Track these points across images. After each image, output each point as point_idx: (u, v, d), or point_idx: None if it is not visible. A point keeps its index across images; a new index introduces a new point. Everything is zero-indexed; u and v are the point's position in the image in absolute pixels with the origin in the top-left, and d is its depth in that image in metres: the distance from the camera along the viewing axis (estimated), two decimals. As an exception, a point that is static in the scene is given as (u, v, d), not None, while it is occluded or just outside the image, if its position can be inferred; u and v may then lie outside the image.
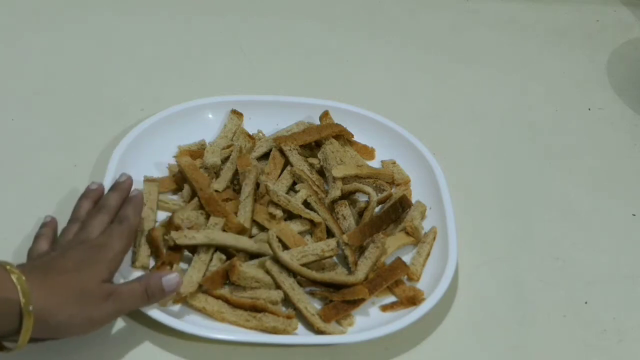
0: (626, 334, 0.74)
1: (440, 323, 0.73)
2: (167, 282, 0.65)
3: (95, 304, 0.60)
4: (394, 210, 0.77)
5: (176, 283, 0.66)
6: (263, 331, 0.68)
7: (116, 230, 0.66)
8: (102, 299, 0.61)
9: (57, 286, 0.59)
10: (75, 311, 0.59)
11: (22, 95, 0.91)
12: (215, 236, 0.71)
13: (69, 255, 0.62)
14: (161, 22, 1.06)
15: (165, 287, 0.65)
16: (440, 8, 1.15)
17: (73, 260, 0.62)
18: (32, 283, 0.57)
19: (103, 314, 0.61)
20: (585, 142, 0.95)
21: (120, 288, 0.63)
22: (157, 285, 0.65)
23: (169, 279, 0.65)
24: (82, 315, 0.60)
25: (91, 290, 0.60)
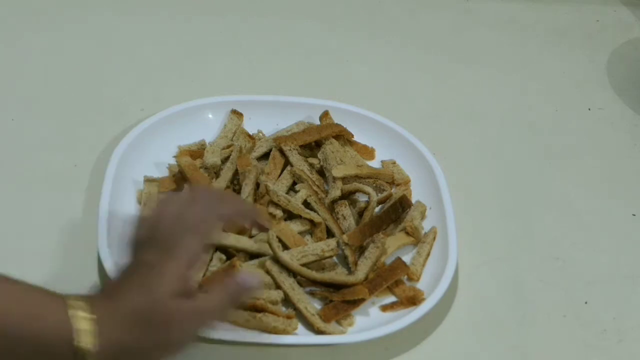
0: (626, 334, 0.74)
1: (440, 323, 0.73)
2: (245, 282, 0.57)
3: (167, 324, 0.51)
4: (394, 210, 0.77)
5: (256, 280, 0.58)
6: (263, 331, 0.68)
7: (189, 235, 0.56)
8: (175, 316, 0.52)
9: (118, 314, 0.51)
10: (143, 337, 0.51)
11: (22, 95, 0.91)
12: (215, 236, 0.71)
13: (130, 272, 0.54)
14: (161, 22, 1.06)
15: (246, 285, 0.57)
16: (440, 8, 1.14)
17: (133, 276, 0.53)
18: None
19: (180, 335, 0.53)
20: (585, 142, 0.95)
21: (197, 301, 0.54)
22: (236, 286, 0.56)
23: (246, 278, 0.57)
24: (154, 341, 0.51)
25: (159, 309, 0.51)
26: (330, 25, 1.09)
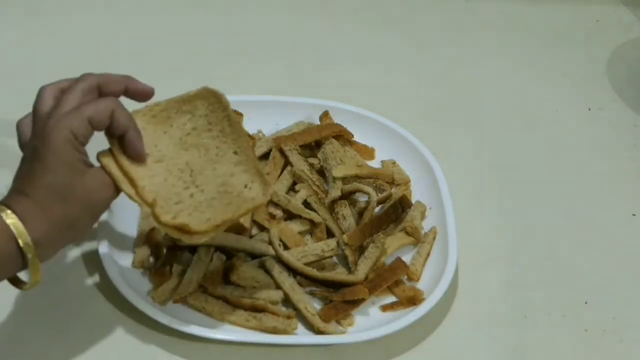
0: (626, 334, 0.74)
1: (440, 323, 0.73)
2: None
3: (79, 183, 0.54)
4: (394, 210, 0.77)
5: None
6: (263, 331, 0.68)
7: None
8: (82, 169, 0.55)
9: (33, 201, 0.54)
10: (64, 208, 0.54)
11: (22, 95, 0.91)
12: (215, 237, 0.71)
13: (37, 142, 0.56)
14: (161, 22, 1.06)
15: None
16: (440, 8, 1.14)
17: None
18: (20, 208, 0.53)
19: (100, 194, 0.55)
20: (585, 142, 0.95)
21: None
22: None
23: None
24: (70, 204, 0.54)
25: (61, 165, 0.54)
26: (330, 25, 1.09)
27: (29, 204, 0.54)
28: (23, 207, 0.54)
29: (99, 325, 0.69)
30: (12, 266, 0.54)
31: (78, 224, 0.56)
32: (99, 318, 0.69)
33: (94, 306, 0.70)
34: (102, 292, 0.71)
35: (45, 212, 0.54)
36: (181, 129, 0.63)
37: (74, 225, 0.56)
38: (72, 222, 0.55)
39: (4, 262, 0.53)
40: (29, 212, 0.54)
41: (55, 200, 0.54)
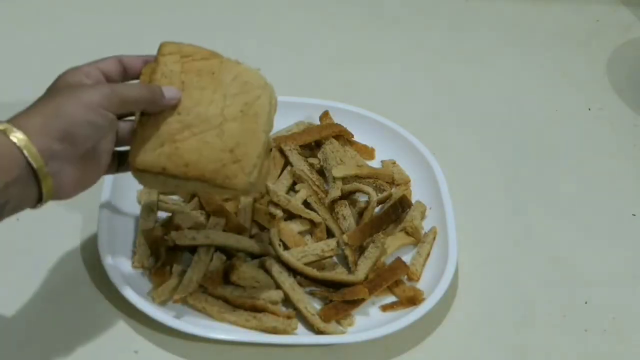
0: (626, 334, 0.74)
1: (440, 323, 0.73)
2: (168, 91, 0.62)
3: (76, 91, 0.57)
4: (394, 210, 0.77)
5: (176, 92, 0.63)
6: (263, 331, 0.68)
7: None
8: (80, 87, 0.58)
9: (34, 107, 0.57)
10: (58, 106, 0.56)
11: (22, 95, 0.91)
12: (215, 236, 0.71)
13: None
14: (161, 22, 1.06)
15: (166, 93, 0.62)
16: (440, 8, 1.15)
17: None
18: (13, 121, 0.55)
19: (93, 94, 0.57)
20: (585, 142, 0.95)
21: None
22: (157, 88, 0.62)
23: (169, 89, 0.62)
24: (70, 105, 0.56)
25: (66, 88, 0.58)
26: (330, 25, 1.09)
27: (30, 120, 0.55)
28: (27, 123, 0.55)
29: (99, 325, 0.69)
30: (24, 185, 0.54)
31: (78, 139, 0.56)
32: (99, 318, 0.69)
33: (94, 306, 0.70)
34: (102, 292, 0.71)
35: (46, 126, 0.55)
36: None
37: (75, 140, 0.56)
38: (72, 136, 0.56)
39: (16, 178, 0.54)
40: (32, 126, 0.54)
41: (53, 115, 0.55)
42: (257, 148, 0.64)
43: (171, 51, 0.66)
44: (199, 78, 0.65)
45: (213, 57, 0.67)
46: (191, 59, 0.66)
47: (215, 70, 0.66)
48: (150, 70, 0.65)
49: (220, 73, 0.66)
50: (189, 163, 0.62)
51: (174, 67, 0.65)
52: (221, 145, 0.63)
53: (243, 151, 0.63)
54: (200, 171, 0.62)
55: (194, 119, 0.63)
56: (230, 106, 0.64)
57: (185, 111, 0.63)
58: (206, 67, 0.66)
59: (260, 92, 0.66)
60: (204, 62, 0.66)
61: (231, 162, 0.63)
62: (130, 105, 0.60)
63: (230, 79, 0.66)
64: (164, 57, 0.66)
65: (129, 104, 0.59)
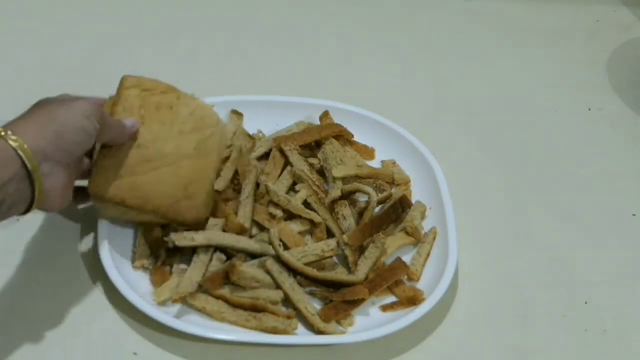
0: (626, 334, 0.74)
1: (440, 323, 0.73)
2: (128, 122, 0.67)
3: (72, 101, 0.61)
4: (394, 210, 0.77)
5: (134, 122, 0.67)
6: (263, 331, 0.68)
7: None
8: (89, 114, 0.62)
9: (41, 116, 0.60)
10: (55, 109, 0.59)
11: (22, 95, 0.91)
12: (215, 237, 0.71)
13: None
14: (160, 22, 1.06)
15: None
16: (440, 8, 1.15)
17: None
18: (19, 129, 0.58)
19: (87, 103, 0.61)
20: (585, 142, 0.95)
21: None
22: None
23: (129, 120, 0.67)
24: (66, 108, 0.60)
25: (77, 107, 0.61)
26: (330, 25, 1.09)
27: (25, 125, 0.59)
28: (22, 127, 0.58)
29: (99, 325, 0.69)
30: (18, 184, 0.57)
31: (69, 145, 0.60)
32: (99, 318, 0.69)
33: (93, 306, 0.70)
34: (102, 292, 0.71)
35: (40, 130, 0.58)
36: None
37: (67, 146, 0.60)
38: (65, 141, 0.59)
39: (12, 177, 0.56)
40: (27, 130, 0.58)
41: (47, 121, 0.59)
42: (207, 185, 0.70)
43: (132, 84, 0.70)
44: (157, 112, 0.69)
45: (171, 92, 0.71)
46: (151, 93, 0.70)
47: (173, 105, 0.70)
48: (112, 103, 0.69)
49: (177, 107, 0.70)
50: (146, 197, 0.66)
51: (135, 101, 0.69)
52: (176, 182, 0.68)
53: (195, 188, 0.69)
54: (155, 206, 0.67)
55: (153, 153, 0.67)
56: (186, 144, 0.69)
57: (145, 145, 0.67)
58: (165, 101, 0.70)
59: (213, 130, 0.71)
60: (163, 95, 0.71)
61: (184, 198, 0.68)
62: (105, 128, 0.63)
63: (186, 113, 0.70)
64: (126, 90, 0.69)
65: (105, 126, 0.63)
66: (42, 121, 0.59)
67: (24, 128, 0.58)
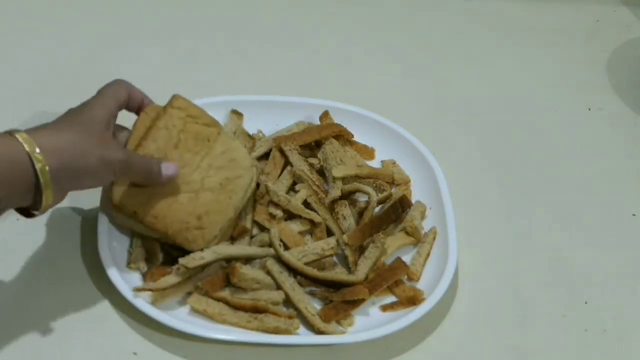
0: (626, 334, 0.74)
1: (440, 323, 0.73)
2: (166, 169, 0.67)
3: (104, 143, 0.62)
4: (394, 210, 0.77)
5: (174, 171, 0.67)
6: (265, 332, 0.68)
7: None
8: (109, 139, 0.63)
9: (63, 126, 0.61)
10: (84, 146, 0.60)
11: (22, 95, 0.91)
12: (222, 250, 0.70)
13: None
14: (160, 22, 1.06)
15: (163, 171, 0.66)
16: (440, 8, 1.15)
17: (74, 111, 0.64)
18: (36, 135, 0.58)
19: (115, 155, 0.62)
20: (585, 142, 0.95)
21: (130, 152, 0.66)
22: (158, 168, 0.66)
23: (169, 166, 0.67)
24: (93, 152, 0.60)
25: (96, 127, 0.62)
26: (330, 25, 1.09)
27: (43, 128, 0.60)
28: (36, 130, 0.59)
29: (99, 325, 0.69)
30: (21, 185, 0.57)
31: (81, 182, 0.61)
32: (99, 318, 0.69)
33: (93, 306, 0.70)
34: (102, 292, 0.71)
35: (56, 134, 0.59)
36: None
37: (78, 182, 0.61)
38: (78, 179, 0.60)
39: (15, 178, 0.57)
40: (41, 132, 0.59)
41: (71, 150, 0.59)
42: (222, 221, 0.70)
43: (180, 106, 0.70)
44: (194, 141, 0.70)
45: (214, 126, 0.71)
46: (194, 120, 0.70)
47: (211, 139, 0.71)
48: (155, 115, 0.69)
49: (214, 142, 0.71)
50: (158, 216, 0.67)
51: (177, 122, 0.69)
52: (191, 209, 0.68)
53: (209, 221, 0.69)
54: (165, 227, 0.68)
55: (177, 177, 0.68)
56: (212, 177, 0.70)
57: None
58: (204, 133, 0.70)
59: (243, 172, 0.72)
60: (205, 127, 0.71)
61: (195, 227, 0.68)
62: (131, 175, 0.65)
63: (220, 151, 0.71)
64: (172, 109, 0.70)
65: (131, 173, 0.65)
66: (68, 148, 0.59)
67: (49, 145, 0.58)
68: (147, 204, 0.67)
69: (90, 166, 0.60)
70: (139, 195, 0.67)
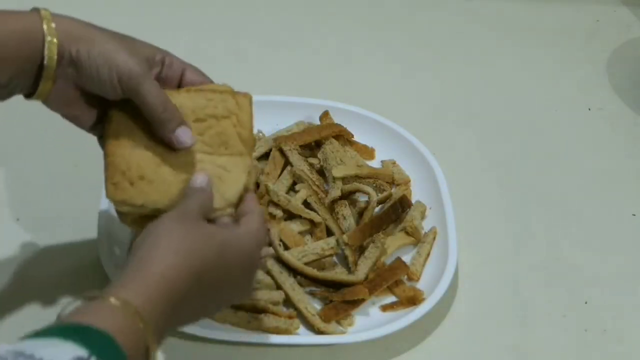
0: (626, 334, 0.74)
1: (440, 323, 0.73)
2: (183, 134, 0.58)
3: (125, 49, 0.56)
4: (394, 210, 0.77)
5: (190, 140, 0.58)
6: (265, 332, 0.67)
7: None
8: (134, 51, 0.58)
9: (96, 28, 0.58)
10: (101, 42, 0.56)
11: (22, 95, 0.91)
12: None
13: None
14: (160, 22, 1.05)
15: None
16: (440, 8, 1.14)
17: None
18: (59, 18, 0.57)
19: (127, 63, 0.56)
20: (585, 142, 0.95)
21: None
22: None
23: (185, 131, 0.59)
24: (108, 50, 0.56)
25: (127, 41, 0.58)
26: (330, 25, 1.09)
27: (72, 19, 0.58)
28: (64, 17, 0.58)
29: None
30: (28, 63, 0.55)
31: (94, 63, 0.56)
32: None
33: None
34: (102, 292, 0.71)
35: (83, 26, 0.58)
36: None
37: (90, 64, 0.56)
38: (96, 47, 0.56)
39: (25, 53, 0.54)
40: (67, 20, 0.58)
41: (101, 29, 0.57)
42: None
43: (240, 103, 0.64)
44: (216, 138, 0.62)
45: (245, 145, 0.63)
46: (234, 123, 0.63)
47: (228, 150, 0.62)
48: (217, 94, 0.63)
49: (226, 154, 0.62)
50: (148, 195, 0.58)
51: (221, 108, 0.62)
52: (181, 189, 0.59)
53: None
54: (154, 201, 0.58)
55: (180, 162, 0.59)
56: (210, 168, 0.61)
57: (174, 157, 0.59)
58: (230, 141, 0.62)
59: (223, 203, 0.60)
60: (236, 137, 0.63)
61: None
62: (137, 99, 0.57)
63: (221, 165, 0.61)
64: (231, 96, 0.63)
65: (137, 96, 0.56)
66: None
67: (66, 24, 0.56)
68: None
69: (97, 59, 0.55)
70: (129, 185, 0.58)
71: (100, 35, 0.57)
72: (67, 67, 0.56)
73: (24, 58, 0.54)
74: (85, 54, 0.55)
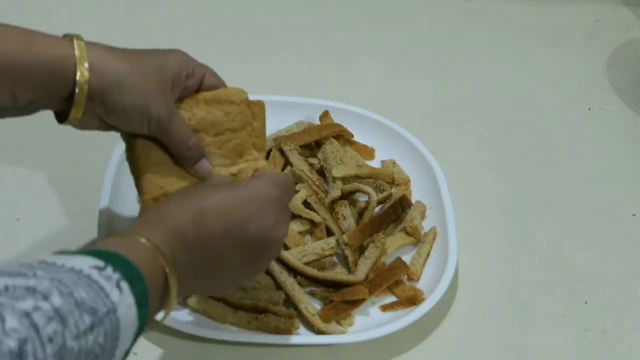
0: (626, 334, 0.74)
1: (440, 323, 0.73)
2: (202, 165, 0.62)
3: (154, 91, 0.60)
4: (394, 210, 0.77)
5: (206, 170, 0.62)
6: (265, 332, 0.67)
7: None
8: (163, 90, 0.61)
9: (127, 57, 0.63)
10: (131, 83, 0.59)
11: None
12: None
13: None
14: (160, 21, 1.06)
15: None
16: (440, 8, 1.14)
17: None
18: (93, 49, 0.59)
19: (156, 109, 0.59)
20: (585, 142, 0.95)
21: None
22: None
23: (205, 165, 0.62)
24: (138, 95, 0.58)
25: (158, 75, 0.62)
26: (330, 25, 1.09)
27: (105, 48, 0.61)
28: (96, 46, 0.60)
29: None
30: (58, 92, 0.56)
31: (125, 104, 0.58)
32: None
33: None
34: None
35: (114, 60, 0.60)
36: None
37: (122, 105, 0.57)
38: (127, 89, 0.58)
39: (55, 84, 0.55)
40: (100, 50, 0.60)
41: (133, 56, 0.62)
42: None
43: (255, 112, 0.68)
44: (233, 149, 0.64)
45: (258, 157, 0.66)
46: (247, 134, 0.66)
47: (242, 158, 0.65)
48: (234, 106, 0.66)
49: (239, 163, 0.65)
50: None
51: (238, 120, 0.65)
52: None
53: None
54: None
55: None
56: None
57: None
58: (245, 152, 0.65)
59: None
60: (251, 148, 0.65)
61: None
62: (164, 139, 0.60)
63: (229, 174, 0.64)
64: (246, 106, 0.67)
65: (165, 138, 0.60)
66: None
67: (97, 61, 0.58)
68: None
69: (127, 106, 0.57)
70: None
71: (131, 75, 0.59)
72: (97, 105, 0.57)
73: (50, 89, 0.55)
74: (117, 101, 0.57)
